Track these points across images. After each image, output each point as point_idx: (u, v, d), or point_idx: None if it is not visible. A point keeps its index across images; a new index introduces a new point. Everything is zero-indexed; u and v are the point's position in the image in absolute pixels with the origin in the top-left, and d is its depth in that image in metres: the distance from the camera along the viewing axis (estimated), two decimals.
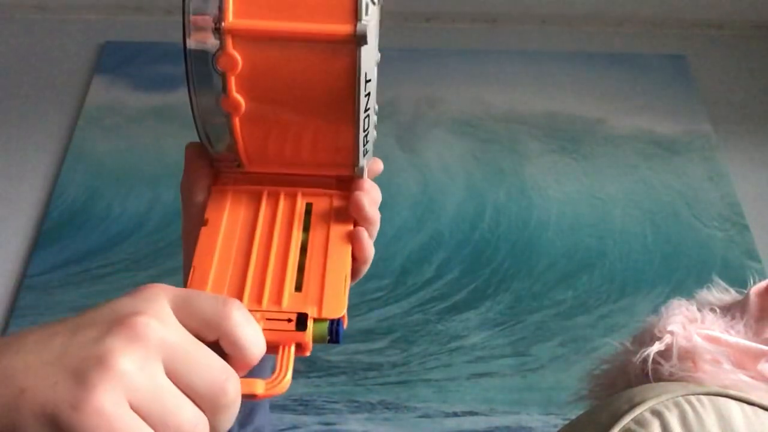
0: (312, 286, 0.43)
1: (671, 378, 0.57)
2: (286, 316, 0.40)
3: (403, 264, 1.42)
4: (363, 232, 0.45)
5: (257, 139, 0.44)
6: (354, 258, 0.45)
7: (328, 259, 0.44)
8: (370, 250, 0.46)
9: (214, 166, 0.47)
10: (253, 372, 0.36)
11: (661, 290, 1.36)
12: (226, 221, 0.46)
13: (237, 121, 0.42)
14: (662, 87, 1.69)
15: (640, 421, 0.49)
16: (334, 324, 0.41)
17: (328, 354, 1.30)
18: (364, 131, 0.44)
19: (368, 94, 0.42)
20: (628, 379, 0.60)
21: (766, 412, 0.50)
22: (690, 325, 0.59)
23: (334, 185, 0.47)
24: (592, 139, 1.61)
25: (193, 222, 0.46)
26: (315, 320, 0.41)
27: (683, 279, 1.38)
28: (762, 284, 0.62)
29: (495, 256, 1.43)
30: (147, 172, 1.55)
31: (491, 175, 1.55)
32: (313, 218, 0.46)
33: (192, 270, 0.42)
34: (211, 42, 0.40)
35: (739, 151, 1.59)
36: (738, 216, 1.48)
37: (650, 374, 0.58)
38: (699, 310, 0.61)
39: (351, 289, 0.44)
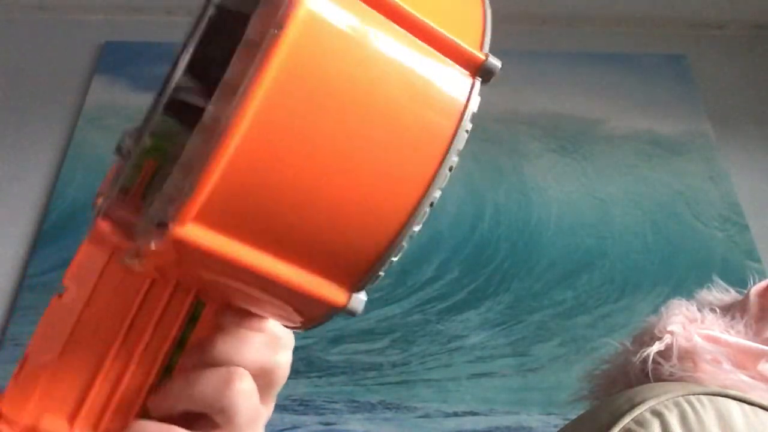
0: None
1: (671, 378, 0.57)
2: None
3: (403, 264, 1.41)
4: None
5: None
6: None
7: None
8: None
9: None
10: None
11: (661, 290, 1.36)
12: (91, 299, 0.33)
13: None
14: (662, 87, 1.69)
15: (640, 421, 0.49)
16: None
17: (328, 354, 1.30)
18: None
19: None
20: (628, 379, 0.60)
21: (766, 412, 0.50)
22: (690, 325, 0.59)
23: None
24: (592, 139, 1.60)
25: None
26: None
27: (683, 279, 1.38)
28: (762, 284, 0.62)
29: (495, 256, 1.43)
30: None
31: (491, 175, 1.55)
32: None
33: (24, 360, 0.32)
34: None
35: (739, 151, 1.59)
36: (738, 216, 1.47)
37: (650, 374, 0.58)
38: (699, 310, 0.61)
39: None
